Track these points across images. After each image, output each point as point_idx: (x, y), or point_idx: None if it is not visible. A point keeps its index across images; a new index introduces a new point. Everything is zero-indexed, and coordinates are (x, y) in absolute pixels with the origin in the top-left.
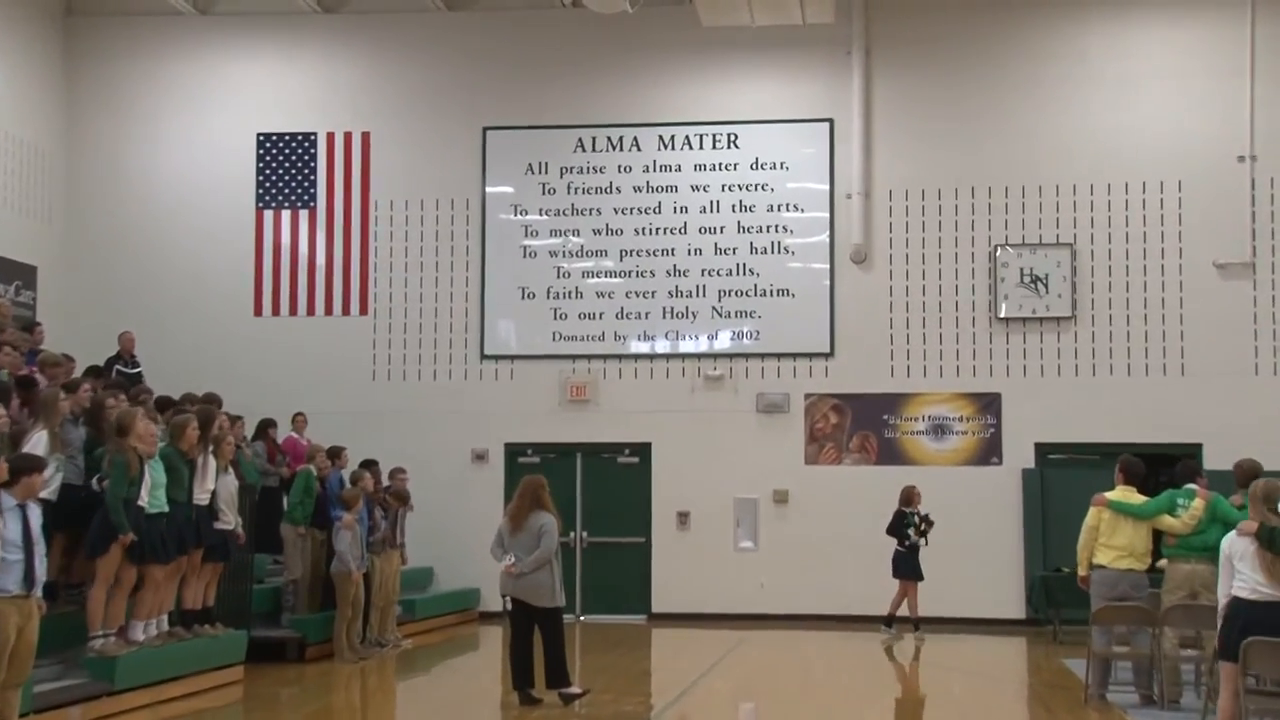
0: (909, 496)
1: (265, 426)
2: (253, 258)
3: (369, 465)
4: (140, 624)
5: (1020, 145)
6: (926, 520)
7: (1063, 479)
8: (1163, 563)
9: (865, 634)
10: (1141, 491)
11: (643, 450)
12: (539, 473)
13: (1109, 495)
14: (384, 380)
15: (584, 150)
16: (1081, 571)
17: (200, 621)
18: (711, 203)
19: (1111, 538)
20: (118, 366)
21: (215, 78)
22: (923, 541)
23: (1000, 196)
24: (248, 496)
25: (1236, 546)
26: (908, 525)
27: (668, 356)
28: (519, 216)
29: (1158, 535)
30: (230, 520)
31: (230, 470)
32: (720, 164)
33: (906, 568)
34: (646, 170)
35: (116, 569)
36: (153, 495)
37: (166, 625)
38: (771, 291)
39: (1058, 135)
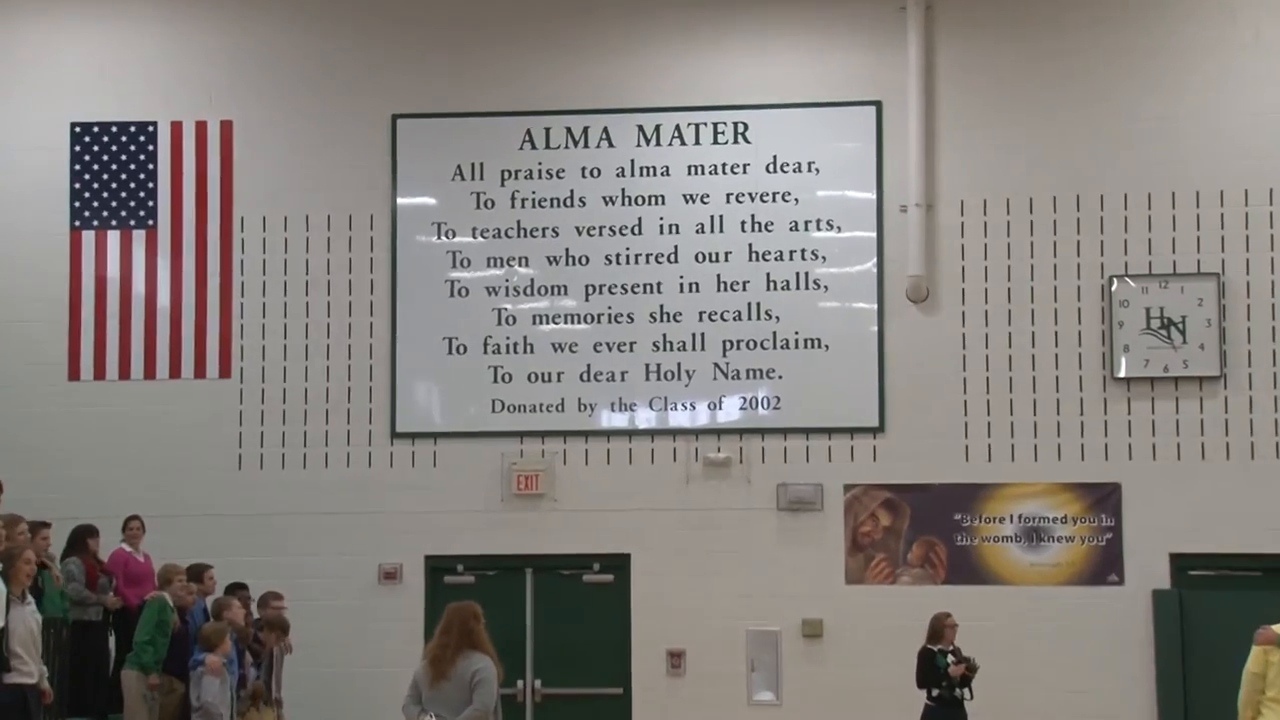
0: (937, 629)
1: (83, 536)
2: (66, 299)
3: (237, 590)
4: None
5: (1145, 138)
6: (969, 664)
7: (1210, 604)
8: None
9: None
10: None
11: (619, 564)
12: (472, 597)
13: (1279, 629)
14: (254, 469)
15: (534, 146)
16: None
17: None
18: (713, 219)
19: None
20: None
21: (10, 44)
22: (966, 694)
23: (1117, 208)
24: (54, 636)
25: None
26: (941, 668)
27: (653, 433)
28: (444, 239)
29: None
30: (30, 670)
31: (29, 600)
32: (725, 165)
33: None
34: (622, 174)
35: None
36: None
37: None
38: (797, 342)
39: (1197, 123)
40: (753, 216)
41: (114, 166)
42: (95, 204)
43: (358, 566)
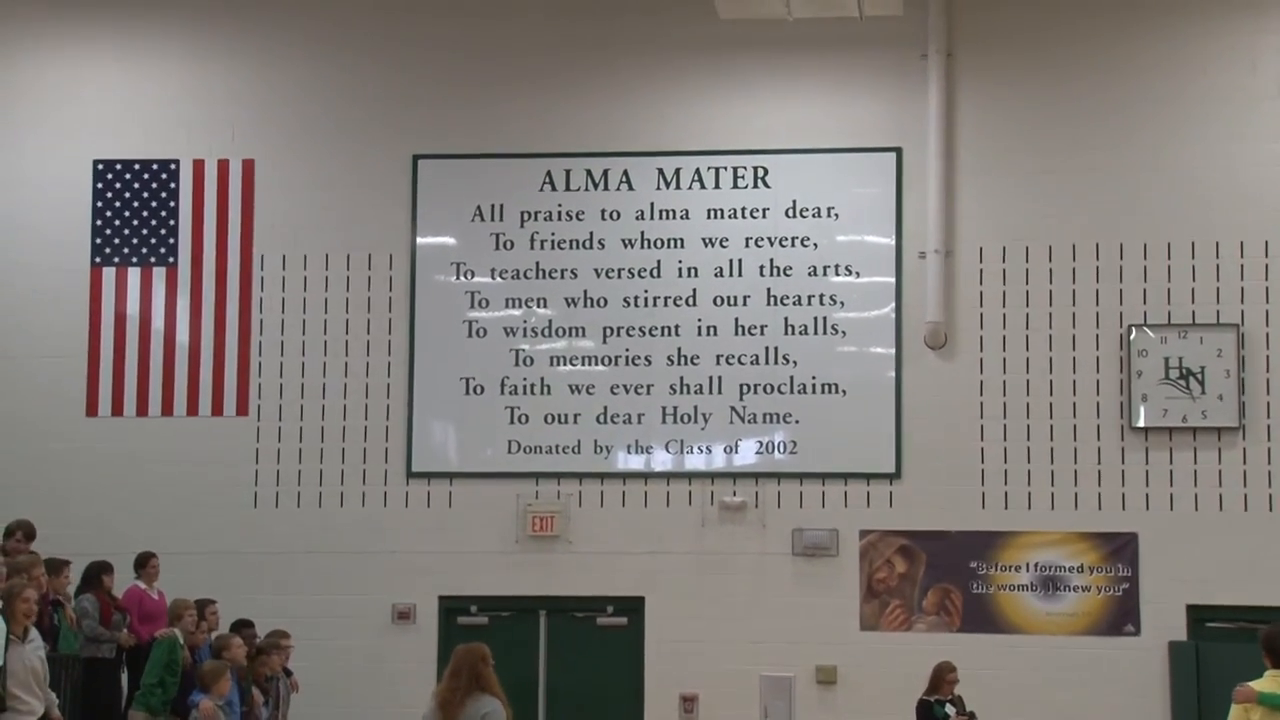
0: (937, 680)
1: (98, 572)
2: (86, 335)
3: (241, 627)
4: None
5: (1165, 187)
6: (971, 717)
7: (1228, 658)
8: None
9: None
10: None
11: (633, 608)
12: (485, 639)
13: (1256, 685)
14: (269, 508)
15: (554, 188)
16: None
17: None
18: (731, 263)
19: None
20: None
21: (35, 82)
22: None
23: (1136, 257)
24: (67, 672)
25: None
26: (939, 718)
27: (669, 476)
28: (462, 279)
29: None
30: (32, 707)
31: (32, 636)
32: (744, 209)
33: None
34: (641, 217)
35: None
36: None
37: None
38: (814, 387)
39: (1218, 174)
40: (771, 261)
41: (136, 204)
42: (116, 241)
43: (371, 606)
